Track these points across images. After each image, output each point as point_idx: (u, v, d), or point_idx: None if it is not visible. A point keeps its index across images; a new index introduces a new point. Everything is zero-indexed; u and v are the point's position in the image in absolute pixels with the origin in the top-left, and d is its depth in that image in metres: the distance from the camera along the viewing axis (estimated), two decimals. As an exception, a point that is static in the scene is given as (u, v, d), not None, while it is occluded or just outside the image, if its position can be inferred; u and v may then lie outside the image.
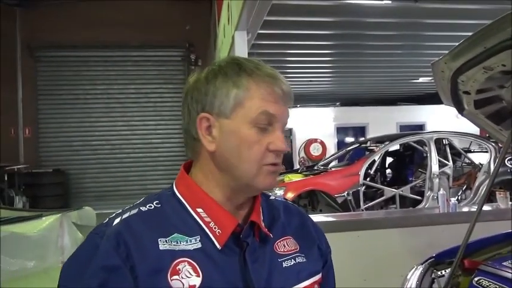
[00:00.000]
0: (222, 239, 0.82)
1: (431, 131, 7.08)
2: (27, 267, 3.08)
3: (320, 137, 12.83)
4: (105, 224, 0.82)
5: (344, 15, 5.98)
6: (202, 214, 0.83)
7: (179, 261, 0.77)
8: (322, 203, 6.11)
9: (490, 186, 2.14)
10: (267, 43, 6.72)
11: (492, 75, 1.41)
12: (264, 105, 0.81)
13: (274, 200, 0.99)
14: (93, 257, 0.76)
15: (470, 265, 1.88)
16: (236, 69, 0.83)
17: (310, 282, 0.90)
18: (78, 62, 11.02)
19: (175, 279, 0.76)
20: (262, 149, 0.82)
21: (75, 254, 0.81)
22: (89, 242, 0.80)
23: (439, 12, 5.81)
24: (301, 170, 7.40)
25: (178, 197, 0.86)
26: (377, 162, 6.62)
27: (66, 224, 3.34)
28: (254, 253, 0.85)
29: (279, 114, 0.83)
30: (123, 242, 0.76)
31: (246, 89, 0.82)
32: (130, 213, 0.82)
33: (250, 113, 0.81)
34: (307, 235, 0.97)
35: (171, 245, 0.78)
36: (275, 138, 0.83)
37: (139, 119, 11.23)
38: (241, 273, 0.82)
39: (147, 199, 0.86)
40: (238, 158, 0.82)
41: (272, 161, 0.83)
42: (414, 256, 2.25)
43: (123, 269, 0.75)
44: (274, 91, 0.82)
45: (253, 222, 0.86)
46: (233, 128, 0.82)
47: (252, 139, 0.81)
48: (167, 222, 0.81)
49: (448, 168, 6.33)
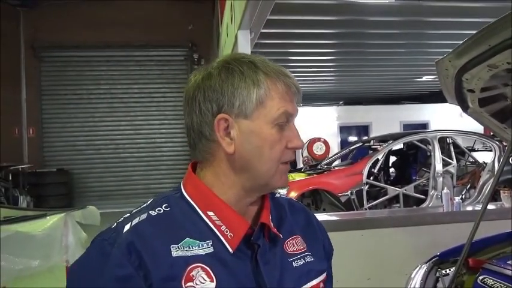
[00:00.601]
0: (235, 243, 0.81)
1: (435, 130, 7.06)
2: (32, 266, 3.09)
3: (323, 136, 12.80)
4: (114, 230, 0.80)
5: (347, 14, 5.98)
6: (214, 217, 0.82)
7: (192, 267, 0.77)
8: (326, 202, 6.10)
9: (494, 185, 2.13)
10: (270, 42, 6.72)
11: (497, 73, 1.40)
12: (284, 105, 0.82)
13: (279, 197, 0.98)
14: (104, 266, 0.74)
15: (474, 264, 1.88)
16: (252, 67, 0.82)
17: (318, 281, 0.91)
18: (82, 62, 11.05)
19: (189, 286, 0.76)
20: (283, 148, 0.83)
21: (84, 261, 0.79)
22: (98, 248, 0.78)
23: (442, 10, 5.79)
24: (305, 169, 7.40)
25: (188, 200, 0.84)
26: (380, 161, 6.60)
27: (71, 224, 3.35)
28: (265, 255, 0.84)
29: (295, 112, 0.85)
30: (135, 250, 0.75)
31: (267, 89, 0.81)
32: (140, 218, 0.80)
33: (271, 113, 0.81)
34: (313, 234, 0.97)
35: (183, 250, 0.78)
36: (293, 136, 0.84)
37: (143, 118, 11.26)
38: (254, 276, 0.81)
39: (154, 202, 0.85)
40: (260, 158, 0.81)
41: (290, 158, 0.85)
42: (418, 255, 2.24)
43: (136, 278, 0.74)
44: (290, 90, 0.84)
45: (263, 223, 0.86)
46: (254, 128, 0.81)
47: (274, 139, 0.81)
48: (178, 227, 0.80)
49: (452, 167, 6.30)
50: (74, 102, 11.04)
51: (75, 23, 10.53)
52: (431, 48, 7.67)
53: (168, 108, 11.34)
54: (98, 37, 10.67)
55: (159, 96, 11.32)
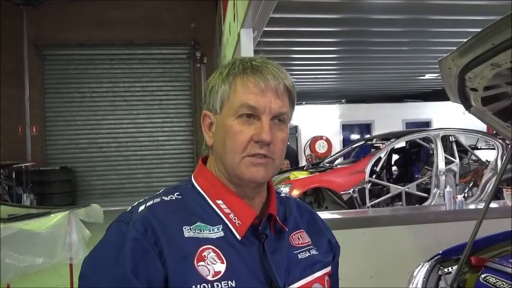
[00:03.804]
0: (242, 230, 0.85)
1: (437, 128, 7.04)
2: (36, 263, 3.11)
3: (325, 134, 12.80)
4: (129, 211, 0.84)
5: (350, 12, 5.96)
6: (222, 206, 0.87)
7: (204, 248, 0.81)
8: (328, 200, 6.10)
9: (497, 183, 2.13)
10: (273, 40, 6.71)
11: (500, 72, 1.40)
12: (245, 98, 0.84)
13: (285, 197, 1.02)
14: (122, 242, 0.78)
15: (477, 262, 1.88)
16: (229, 66, 0.89)
17: (323, 273, 0.94)
18: (85, 60, 11.08)
19: (201, 265, 0.79)
20: (245, 140, 0.84)
21: (103, 242, 0.82)
22: (115, 230, 0.82)
23: (445, 8, 5.76)
24: (307, 167, 7.40)
25: (198, 189, 0.90)
26: (383, 160, 6.60)
27: (74, 221, 3.38)
28: (272, 245, 0.88)
29: (261, 105, 0.84)
30: (151, 227, 0.79)
31: (232, 84, 0.86)
32: (153, 201, 0.85)
33: (233, 106, 0.85)
34: (317, 229, 1.01)
35: (195, 232, 0.82)
36: (260, 129, 0.84)
37: (145, 116, 11.28)
38: (261, 263, 0.84)
39: (166, 191, 0.89)
40: (224, 149, 0.86)
41: (255, 151, 0.84)
42: (420, 253, 2.25)
43: (152, 253, 0.77)
44: (257, 84, 0.85)
45: (270, 215, 0.89)
46: (222, 121, 0.87)
47: (234, 130, 0.85)
48: (190, 212, 0.85)
49: (454, 165, 6.29)
50: (77, 100, 11.07)
51: (78, 22, 10.56)
52: (434, 46, 7.64)
53: (170, 106, 11.35)
54: (101, 35, 10.69)
55: (161, 94, 11.33)
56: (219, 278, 0.78)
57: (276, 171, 0.90)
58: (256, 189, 0.90)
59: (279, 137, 0.86)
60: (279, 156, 0.87)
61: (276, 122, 0.86)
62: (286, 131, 0.89)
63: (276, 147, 0.86)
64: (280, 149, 0.87)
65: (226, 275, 0.79)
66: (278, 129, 0.86)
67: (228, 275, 0.79)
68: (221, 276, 0.79)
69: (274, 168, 0.88)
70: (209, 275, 0.78)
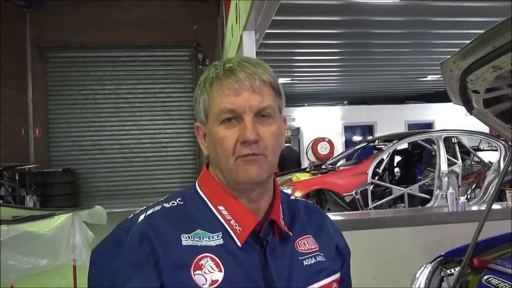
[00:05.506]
0: (243, 237, 0.84)
1: (440, 130, 7.03)
2: (40, 265, 3.13)
3: (328, 136, 12.81)
4: (131, 220, 0.85)
5: (352, 14, 5.97)
6: (224, 212, 0.86)
7: (202, 256, 0.80)
8: (330, 201, 6.10)
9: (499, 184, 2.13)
10: (275, 42, 6.73)
11: (501, 74, 1.41)
12: (222, 103, 0.84)
13: (294, 199, 1.00)
14: (117, 253, 0.79)
15: (479, 264, 1.88)
16: (206, 75, 0.89)
17: (330, 281, 0.92)
18: (87, 63, 11.12)
19: (198, 274, 0.78)
20: (231, 143, 0.83)
21: (102, 246, 0.84)
22: (114, 236, 0.83)
23: (447, 10, 5.77)
24: (309, 169, 7.40)
25: (201, 195, 0.89)
26: (385, 161, 6.60)
27: (78, 223, 3.39)
28: (275, 251, 0.86)
29: (239, 106, 0.83)
30: (147, 238, 0.79)
31: (209, 92, 0.86)
32: (154, 209, 0.86)
33: (215, 113, 0.85)
34: (326, 235, 0.98)
35: (193, 240, 0.81)
36: (243, 129, 0.82)
37: (148, 118, 11.31)
38: (262, 271, 0.83)
39: (170, 197, 0.90)
40: (217, 156, 0.86)
41: (244, 152, 0.83)
42: (423, 255, 2.25)
43: (147, 264, 0.78)
44: (230, 85, 0.84)
45: (273, 220, 0.88)
46: (209, 130, 0.87)
47: (219, 136, 0.84)
48: (190, 219, 0.84)
49: (457, 167, 6.28)
50: (80, 102, 11.11)
51: (81, 24, 10.60)
52: (436, 48, 7.65)
53: (173, 108, 11.38)
54: (104, 37, 10.72)
55: (164, 96, 11.36)
56: (216, 287, 0.78)
57: (272, 167, 0.87)
58: (258, 191, 0.87)
59: (267, 132, 0.84)
60: (271, 152, 0.85)
61: (260, 118, 0.84)
62: (275, 123, 0.86)
63: (266, 142, 0.83)
64: (271, 143, 0.84)
65: (223, 284, 0.78)
66: (265, 124, 0.84)
67: (225, 283, 0.78)
68: (218, 285, 0.78)
69: (269, 164, 0.85)
70: (206, 284, 0.77)
